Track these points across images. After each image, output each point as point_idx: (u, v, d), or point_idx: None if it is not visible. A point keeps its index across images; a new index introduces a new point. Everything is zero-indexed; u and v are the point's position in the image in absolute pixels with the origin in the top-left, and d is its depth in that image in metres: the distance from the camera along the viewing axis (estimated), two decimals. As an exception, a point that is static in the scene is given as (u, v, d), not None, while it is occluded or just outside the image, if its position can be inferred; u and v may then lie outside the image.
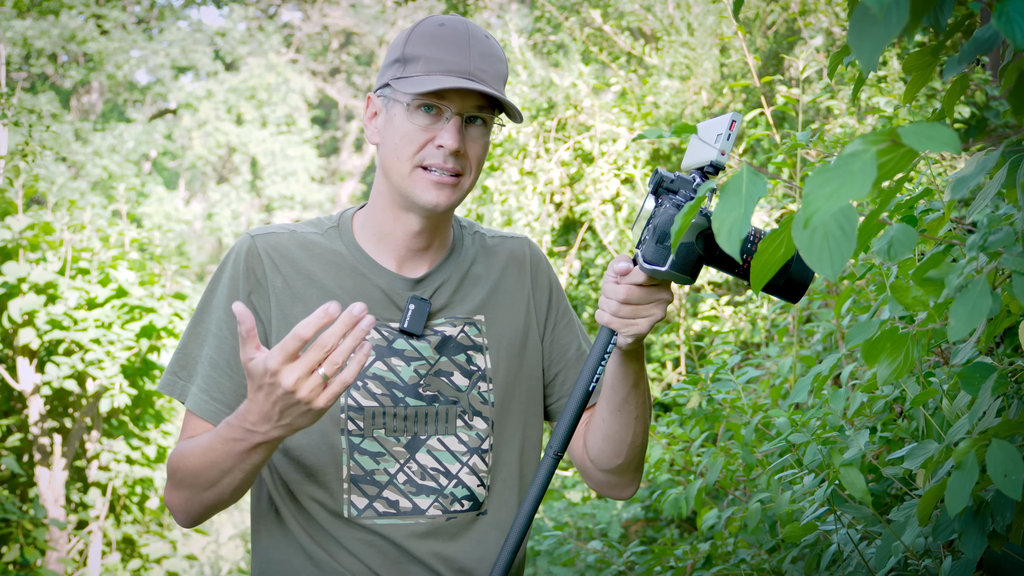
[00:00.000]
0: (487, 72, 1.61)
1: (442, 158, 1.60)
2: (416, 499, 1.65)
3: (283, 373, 1.36)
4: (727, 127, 1.38)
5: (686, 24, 6.80)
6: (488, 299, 1.75)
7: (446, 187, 1.61)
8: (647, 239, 1.45)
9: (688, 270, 1.44)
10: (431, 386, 1.67)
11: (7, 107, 6.11)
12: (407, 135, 1.61)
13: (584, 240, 6.39)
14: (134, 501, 6.40)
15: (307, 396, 1.37)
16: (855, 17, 0.93)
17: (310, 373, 1.36)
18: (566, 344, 1.81)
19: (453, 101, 1.60)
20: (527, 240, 1.86)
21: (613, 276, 1.50)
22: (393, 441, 1.64)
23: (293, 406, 1.39)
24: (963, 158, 3.37)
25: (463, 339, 1.71)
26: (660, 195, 1.46)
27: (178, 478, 1.59)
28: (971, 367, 1.39)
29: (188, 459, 1.56)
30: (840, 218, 0.87)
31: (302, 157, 20.62)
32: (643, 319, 1.49)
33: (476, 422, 1.69)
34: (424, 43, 1.61)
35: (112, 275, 5.89)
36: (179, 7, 22.27)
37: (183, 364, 1.67)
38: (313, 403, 1.38)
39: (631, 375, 1.60)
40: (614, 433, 1.66)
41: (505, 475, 1.72)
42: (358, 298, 1.67)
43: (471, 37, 1.62)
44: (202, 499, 1.58)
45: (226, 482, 1.53)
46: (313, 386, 1.36)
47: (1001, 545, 1.33)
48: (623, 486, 1.76)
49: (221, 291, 1.66)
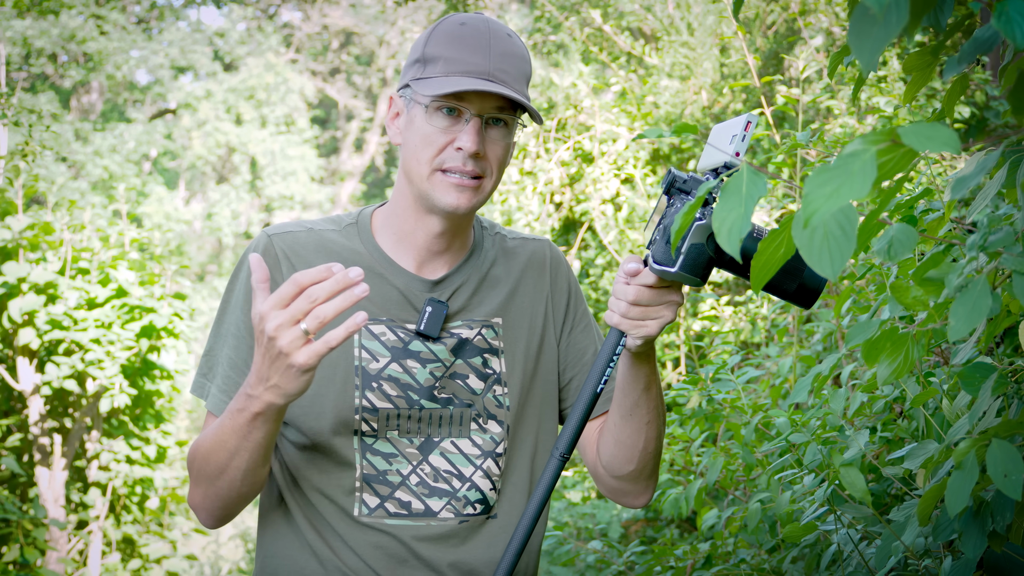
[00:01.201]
0: (508, 72, 1.58)
1: (461, 161, 1.58)
2: (429, 501, 1.64)
3: (269, 318, 1.34)
4: (743, 128, 1.35)
5: (686, 24, 6.80)
6: (506, 302, 1.74)
7: (466, 190, 1.60)
8: (657, 239, 1.44)
9: (698, 271, 1.43)
10: (446, 389, 1.66)
11: (7, 107, 6.11)
12: (427, 137, 1.59)
13: (584, 240, 6.39)
14: (134, 501, 6.40)
15: (287, 347, 1.34)
16: (855, 17, 0.93)
17: (294, 322, 1.33)
18: (583, 348, 1.80)
19: (472, 103, 1.57)
20: (548, 242, 1.84)
21: (623, 277, 1.48)
22: (406, 443, 1.63)
23: (277, 359, 1.35)
24: (963, 158, 3.37)
25: (479, 342, 1.69)
26: (672, 195, 1.45)
27: (194, 471, 1.58)
28: (971, 367, 1.39)
29: (200, 447, 1.55)
30: (840, 218, 0.87)
31: (302, 157, 20.62)
32: (653, 320, 1.48)
33: (491, 425, 1.68)
34: (444, 43, 1.59)
35: (112, 275, 5.89)
36: (179, 7, 22.26)
37: (210, 366, 1.66)
38: (292, 356, 1.34)
39: (642, 378, 1.58)
40: (625, 438, 1.64)
41: (516, 479, 1.70)
42: (375, 298, 1.66)
43: (492, 36, 1.59)
44: (217, 491, 1.56)
45: (234, 466, 1.51)
46: (293, 337, 1.33)
47: (1001, 545, 1.33)
48: (636, 494, 1.74)
49: (239, 290, 1.65)
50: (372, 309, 1.65)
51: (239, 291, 1.66)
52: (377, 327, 1.65)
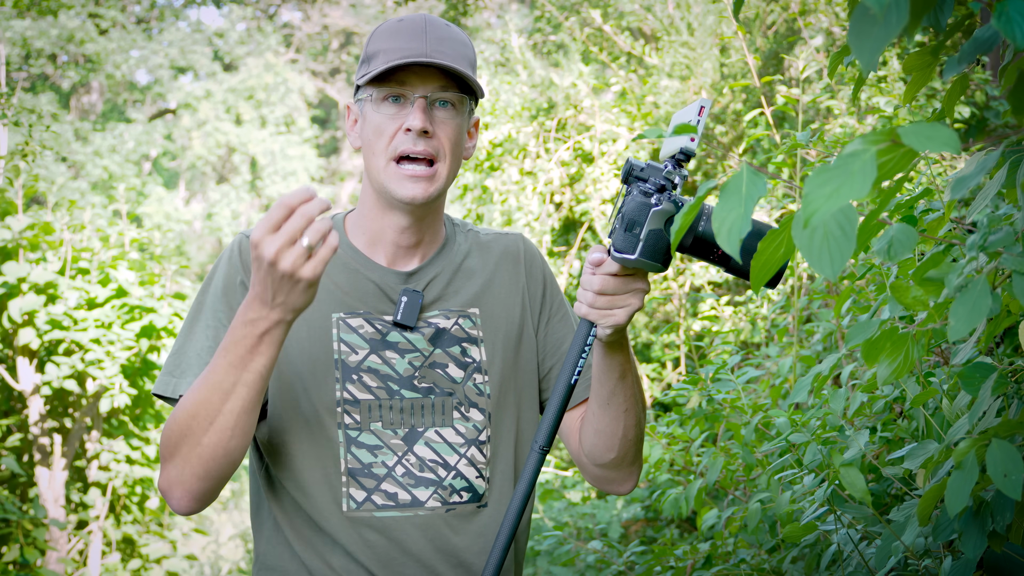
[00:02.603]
0: (445, 54, 1.61)
1: (412, 141, 1.60)
2: (415, 491, 1.65)
3: (264, 244, 1.35)
4: (696, 113, 1.39)
5: (686, 24, 6.80)
6: (482, 293, 1.76)
7: (421, 180, 1.62)
8: (616, 228, 1.46)
9: (658, 257, 1.44)
10: (426, 378, 1.67)
11: (7, 107, 6.11)
12: (378, 128, 1.62)
13: (584, 240, 6.39)
14: (134, 501, 6.40)
15: (290, 267, 1.35)
16: (855, 17, 0.93)
17: (291, 243, 1.34)
18: (560, 338, 1.82)
19: (414, 85, 1.61)
20: (521, 236, 1.86)
21: (589, 268, 1.50)
22: (391, 434, 1.65)
23: (280, 280, 1.36)
24: (963, 158, 3.37)
25: (457, 331, 1.71)
26: (630, 183, 1.47)
27: (173, 441, 1.50)
28: (971, 367, 1.39)
29: (182, 409, 1.48)
30: (840, 218, 0.87)
31: (302, 157, 20.64)
32: (620, 309, 1.49)
33: (473, 414, 1.69)
34: (382, 38, 1.64)
35: (112, 275, 5.90)
36: (179, 7, 22.27)
37: (176, 363, 1.64)
38: (298, 273, 1.36)
39: (616, 367, 1.59)
40: (604, 427, 1.66)
41: (503, 468, 1.72)
42: (352, 291, 1.68)
43: (428, 24, 1.63)
44: (201, 451, 1.48)
45: (228, 410, 1.45)
46: (295, 256, 1.35)
47: (1001, 545, 1.33)
48: (620, 480, 1.75)
49: (215, 288, 1.66)
50: (349, 302, 1.67)
51: (216, 288, 1.66)
52: (355, 320, 1.67)
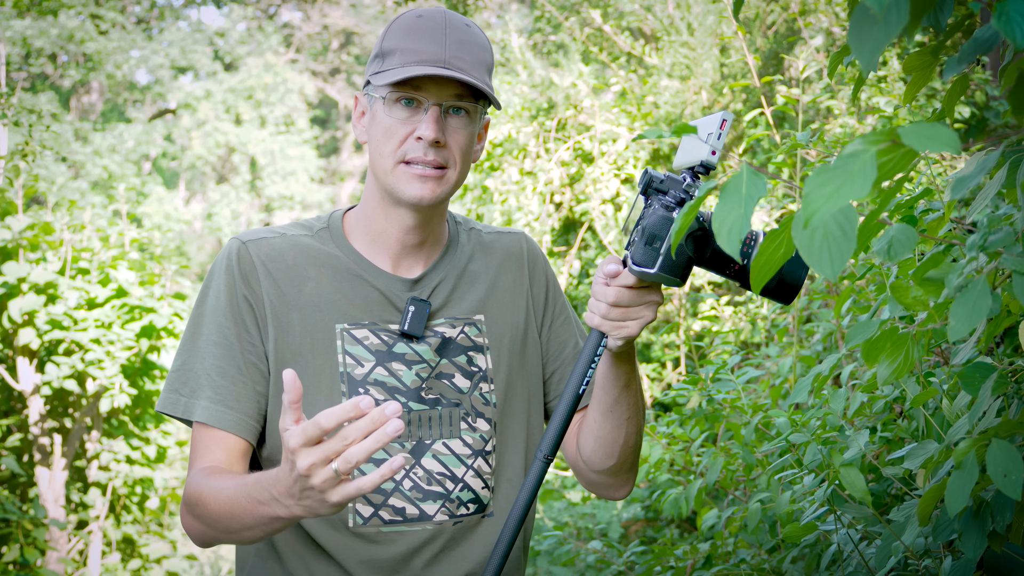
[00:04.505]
0: (465, 60, 1.57)
1: (422, 151, 1.56)
2: (423, 505, 1.62)
3: (300, 455, 1.28)
4: (718, 126, 1.35)
5: (686, 24, 6.80)
6: (487, 298, 1.73)
7: (429, 180, 1.58)
8: (636, 240, 1.43)
9: (677, 272, 1.42)
10: (433, 389, 1.64)
11: (7, 107, 6.11)
12: (388, 130, 1.58)
13: (584, 240, 6.39)
14: (134, 501, 6.41)
15: (320, 485, 1.29)
16: (855, 17, 0.93)
17: (326, 463, 1.27)
18: (563, 341, 1.80)
19: (430, 91, 1.56)
20: (523, 235, 1.83)
21: (603, 278, 1.47)
22: (398, 447, 1.61)
23: (308, 490, 1.31)
24: (963, 158, 3.37)
25: (463, 340, 1.68)
26: (650, 196, 1.44)
27: (197, 513, 1.52)
28: (971, 367, 1.39)
29: (210, 503, 1.49)
30: (840, 218, 0.87)
31: (302, 157, 20.63)
32: (633, 321, 1.47)
33: (479, 424, 1.67)
34: (400, 35, 1.58)
35: (112, 275, 5.90)
36: (179, 7, 22.27)
37: (183, 380, 1.60)
38: (326, 494, 1.29)
39: (622, 376, 1.57)
40: (605, 434, 1.64)
41: (510, 475, 1.70)
42: (357, 301, 1.64)
43: (448, 26, 1.58)
44: (219, 538, 1.53)
45: (246, 536, 1.47)
46: (326, 477, 1.28)
47: (1001, 545, 1.33)
48: (616, 487, 1.74)
49: (216, 299, 1.61)
50: (354, 312, 1.64)
51: (217, 300, 1.61)
52: (359, 331, 1.63)
